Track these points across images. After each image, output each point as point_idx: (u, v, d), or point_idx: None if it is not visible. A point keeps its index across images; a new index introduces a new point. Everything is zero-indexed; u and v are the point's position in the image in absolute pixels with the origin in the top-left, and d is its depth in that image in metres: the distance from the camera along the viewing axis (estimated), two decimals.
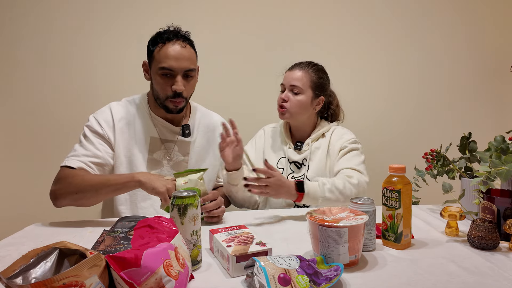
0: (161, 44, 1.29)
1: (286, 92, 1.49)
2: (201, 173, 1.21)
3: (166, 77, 1.30)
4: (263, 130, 1.63)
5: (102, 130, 1.34)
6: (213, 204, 1.20)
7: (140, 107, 1.43)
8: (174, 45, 1.29)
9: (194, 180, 1.17)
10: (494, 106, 2.23)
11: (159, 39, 1.31)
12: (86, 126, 1.36)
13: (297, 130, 1.57)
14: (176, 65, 1.28)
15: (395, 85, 2.17)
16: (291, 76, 1.49)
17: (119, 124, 1.37)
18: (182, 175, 1.20)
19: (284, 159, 1.52)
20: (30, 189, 1.96)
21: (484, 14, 2.18)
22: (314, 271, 0.78)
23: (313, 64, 1.52)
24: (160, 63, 1.29)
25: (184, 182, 1.17)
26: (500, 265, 0.89)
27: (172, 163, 1.42)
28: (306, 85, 1.47)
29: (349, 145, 1.47)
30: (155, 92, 1.36)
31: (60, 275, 0.61)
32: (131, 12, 1.96)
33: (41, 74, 1.94)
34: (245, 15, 2.03)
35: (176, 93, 1.31)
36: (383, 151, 2.05)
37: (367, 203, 1.00)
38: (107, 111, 1.39)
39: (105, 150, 1.33)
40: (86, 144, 1.32)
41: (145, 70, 1.39)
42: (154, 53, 1.31)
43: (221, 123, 1.36)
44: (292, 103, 1.47)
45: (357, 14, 2.10)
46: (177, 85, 1.29)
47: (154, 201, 1.39)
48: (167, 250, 0.73)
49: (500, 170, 1.00)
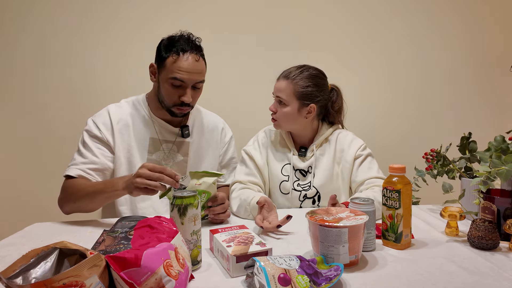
0: (175, 55, 1.29)
1: (274, 102, 1.45)
2: (216, 178, 1.19)
3: (176, 87, 1.31)
4: (264, 132, 1.57)
5: (100, 134, 1.35)
6: (220, 208, 1.20)
7: (139, 108, 1.43)
8: (188, 59, 1.29)
9: (208, 183, 1.16)
10: (494, 106, 2.23)
11: (173, 48, 1.30)
12: (85, 130, 1.37)
13: (298, 136, 1.52)
14: (187, 78, 1.30)
15: (395, 85, 2.17)
16: (277, 87, 1.44)
17: (117, 126, 1.37)
18: (197, 176, 1.19)
19: (289, 166, 1.47)
20: (30, 189, 1.96)
21: (484, 14, 2.18)
22: (314, 271, 0.78)
23: (300, 71, 1.42)
24: (172, 73, 1.29)
25: (197, 183, 1.16)
26: (500, 265, 0.89)
27: (171, 163, 1.43)
28: (290, 95, 1.40)
29: (362, 153, 1.44)
30: (160, 96, 1.36)
31: (60, 275, 0.61)
32: (131, 13, 1.96)
33: (41, 75, 1.94)
34: (245, 16, 2.03)
35: (183, 103, 1.33)
36: (383, 151, 2.05)
37: (367, 203, 1.00)
38: (105, 114, 1.39)
39: (104, 154, 1.34)
40: (84, 152, 1.33)
41: (152, 72, 1.38)
42: (167, 62, 1.30)
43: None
44: (279, 114, 1.43)
45: (357, 15, 2.10)
46: (187, 97, 1.31)
47: (153, 201, 1.39)
48: (167, 250, 0.73)
49: (500, 170, 1.00)
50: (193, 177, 1.19)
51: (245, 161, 1.50)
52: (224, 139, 1.56)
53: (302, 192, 1.45)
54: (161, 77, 1.34)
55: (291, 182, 1.46)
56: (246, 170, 1.48)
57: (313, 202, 1.46)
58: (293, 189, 1.45)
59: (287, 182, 1.46)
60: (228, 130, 1.59)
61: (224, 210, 1.21)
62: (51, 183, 1.96)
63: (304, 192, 1.44)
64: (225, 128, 1.59)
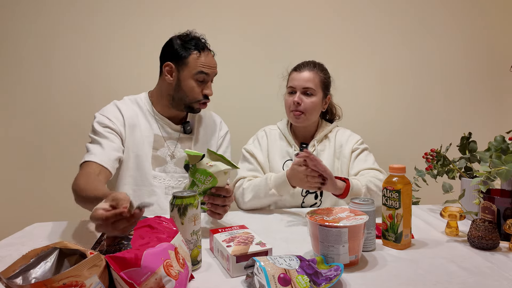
0: (196, 52, 1.37)
1: (299, 94, 1.46)
2: (230, 167, 1.10)
3: (200, 82, 1.39)
4: (264, 131, 1.60)
5: (113, 125, 1.36)
6: (221, 201, 1.14)
7: (142, 105, 1.46)
8: (208, 55, 1.40)
9: (219, 169, 1.08)
10: (494, 106, 2.23)
11: (192, 46, 1.37)
12: (96, 122, 1.35)
13: (301, 132, 1.55)
14: (211, 72, 1.40)
15: (395, 85, 2.17)
16: (302, 78, 1.46)
17: (128, 120, 1.40)
18: (213, 157, 1.12)
19: (290, 162, 1.49)
20: (30, 189, 1.96)
21: (484, 14, 2.18)
22: (314, 271, 0.78)
23: (318, 64, 1.52)
24: (197, 69, 1.36)
25: (208, 164, 1.08)
26: (500, 265, 0.89)
27: (175, 159, 1.45)
28: (317, 85, 1.47)
29: (359, 146, 1.50)
30: (180, 94, 1.39)
31: (60, 275, 0.61)
32: (131, 13, 1.96)
33: (42, 75, 1.94)
34: (245, 15, 2.03)
35: (206, 96, 1.41)
36: (383, 151, 2.05)
37: (367, 203, 1.00)
38: (114, 108, 1.41)
39: (118, 143, 1.36)
40: (99, 139, 1.30)
41: (168, 72, 1.39)
42: (190, 59, 1.36)
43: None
44: (307, 105, 1.45)
45: (357, 11, 2.10)
46: (209, 90, 1.42)
47: (159, 197, 1.41)
48: (167, 250, 0.73)
49: (500, 170, 1.00)
50: (208, 156, 1.12)
51: (247, 158, 1.53)
52: (220, 133, 1.58)
53: None
54: (183, 74, 1.38)
55: None
56: (249, 166, 1.51)
57: (316, 197, 1.48)
58: None
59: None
60: (224, 126, 1.61)
61: (224, 204, 1.16)
62: (51, 183, 1.97)
63: None
64: (222, 123, 1.61)
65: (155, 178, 1.41)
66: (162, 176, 1.43)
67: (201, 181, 1.08)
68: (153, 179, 1.41)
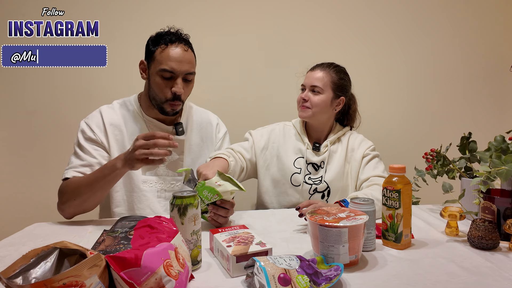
0: (163, 46, 1.28)
1: (307, 92, 1.49)
2: (237, 189, 1.14)
3: (166, 79, 1.30)
4: (278, 125, 1.61)
5: (94, 136, 1.34)
6: (224, 212, 1.16)
7: (130, 108, 1.42)
8: (177, 48, 1.29)
9: (226, 189, 1.12)
10: (494, 106, 2.23)
11: (161, 40, 1.30)
12: (79, 132, 1.36)
13: (314, 131, 1.56)
14: (177, 68, 1.28)
15: (395, 84, 2.17)
16: (312, 76, 1.49)
17: (110, 127, 1.37)
18: (222, 177, 1.16)
19: (302, 160, 1.50)
20: (30, 189, 1.96)
21: (484, 14, 2.18)
22: (314, 271, 0.78)
23: (335, 65, 1.53)
24: (161, 65, 1.28)
25: (217, 182, 1.13)
26: (500, 265, 0.89)
27: (167, 162, 1.41)
28: (327, 85, 1.48)
29: (371, 153, 1.50)
30: (151, 93, 1.35)
31: (60, 275, 0.61)
32: (130, 12, 1.96)
33: (40, 75, 1.94)
34: (245, 15, 2.03)
35: (175, 95, 1.31)
36: (383, 151, 2.05)
37: (367, 203, 1.00)
38: (98, 116, 1.39)
39: (101, 154, 1.33)
40: (81, 154, 1.32)
41: (142, 69, 1.38)
42: (156, 54, 1.29)
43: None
44: (312, 102, 1.47)
45: (360, 13, 2.10)
46: (177, 88, 1.30)
47: (151, 201, 1.39)
48: (167, 250, 0.73)
49: (500, 170, 1.00)
50: (218, 175, 1.16)
51: (246, 139, 1.58)
52: (218, 135, 1.54)
53: (313, 185, 1.48)
54: (151, 71, 1.33)
55: (302, 175, 1.49)
56: (243, 144, 1.55)
57: (322, 197, 1.49)
58: (304, 182, 1.48)
59: (299, 175, 1.49)
60: (223, 126, 1.57)
61: (226, 215, 1.17)
62: (51, 183, 1.96)
63: (314, 186, 1.48)
64: (220, 124, 1.57)
65: (144, 182, 1.38)
66: (153, 180, 1.39)
67: (208, 198, 1.13)
68: (143, 183, 1.37)
